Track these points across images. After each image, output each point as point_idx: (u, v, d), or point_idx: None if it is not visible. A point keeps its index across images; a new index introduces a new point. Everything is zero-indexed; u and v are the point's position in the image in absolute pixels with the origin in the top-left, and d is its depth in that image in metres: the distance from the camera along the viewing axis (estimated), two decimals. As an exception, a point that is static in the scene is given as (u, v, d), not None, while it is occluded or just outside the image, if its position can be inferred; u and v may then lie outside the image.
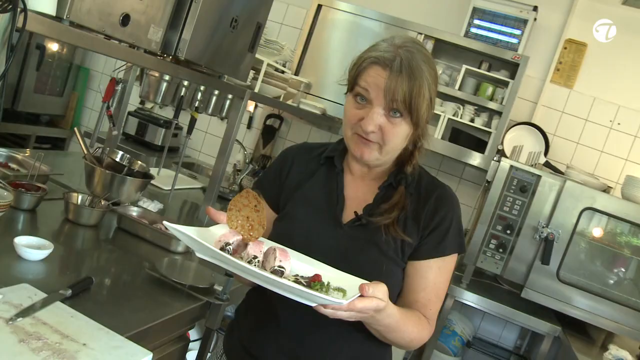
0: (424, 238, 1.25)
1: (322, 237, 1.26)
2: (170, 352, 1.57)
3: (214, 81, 2.09)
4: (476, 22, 3.40)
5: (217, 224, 1.16)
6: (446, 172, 3.61)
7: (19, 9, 1.17)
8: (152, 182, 2.71)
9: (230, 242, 1.08)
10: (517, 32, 3.32)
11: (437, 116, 3.29)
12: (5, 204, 1.62)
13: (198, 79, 1.93)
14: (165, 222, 1.03)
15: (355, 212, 1.27)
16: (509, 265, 2.81)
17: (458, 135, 3.33)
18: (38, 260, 1.46)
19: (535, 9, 3.29)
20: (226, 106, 2.98)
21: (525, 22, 3.29)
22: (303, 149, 1.43)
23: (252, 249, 1.09)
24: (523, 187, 2.77)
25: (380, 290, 1.02)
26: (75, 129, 2.24)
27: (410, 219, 1.26)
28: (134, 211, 2.09)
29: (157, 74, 2.51)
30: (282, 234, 1.28)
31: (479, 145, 3.25)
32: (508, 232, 2.80)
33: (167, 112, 4.28)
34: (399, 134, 1.20)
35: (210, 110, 3.00)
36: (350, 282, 1.08)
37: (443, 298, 1.28)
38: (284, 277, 1.03)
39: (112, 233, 1.92)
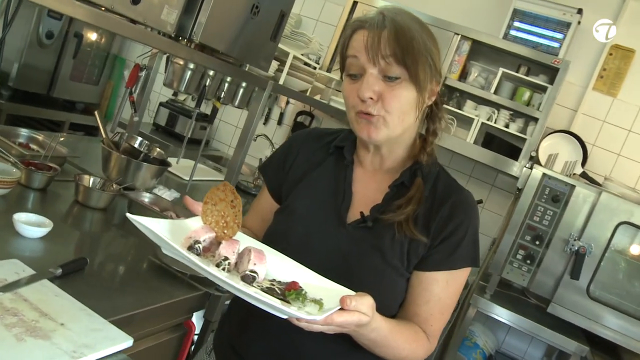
0: (433, 248, 1.13)
1: (322, 237, 1.16)
2: (166, 340, 1.52)
3: (234, 69, 2.05)
4: (516, 24, 3.26)
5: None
6: (478, 178, 3.49)
7: (19, -22, 1.14)
8: (173, 171, 2.71)
9: (201, 239, 0.99)
10: (559, 35, 3.17)
11: (470, 120, 3.17)
12: (12, 180, 1.61)
13: (216, 64, 1.88)
14: (128, 215, 0.95)
15: (362, 213, 1.15)
16: (536, 277, 2.67)
17: (491, 140, 3.20)
18: (36, 238, 1.44)
19: (579, 11, 3.13)
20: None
21: (568, 25, 3.14)
22: (312, 136, 1.32)
23: (225, 249, 0.99)
24: (555, 196, 2.63)
25: (364, 303, 0.91)
26: (96, 112, 2.23)
27: (419, 224, 1.13)
28: (146, 197, 2.07)
29: (181, 62, 2.49)
30: (279, 230, 1.21)
31: (513, 152, 3.11)
32: (537, 243, 2.66)
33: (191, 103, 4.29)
34: (401, 97, 1.07)
35: (237, 103, 2.97)
36: (334, 291, 0.98)
37: (449, 315, 1.15)
38: (257, 283, 0.95)
39: (121, 218, 1.90)
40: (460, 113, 3.22)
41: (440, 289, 1.12)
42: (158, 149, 2.35)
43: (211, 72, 2.65)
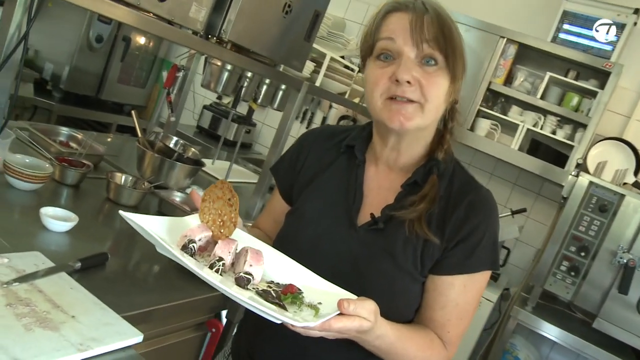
0: (448, 250, 1.06)
1: (333, 240, 1.11)
2: (186, 339, 1.52)
3: (267, 69, 2.04)
4: (565, 26, 3.14)
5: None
6: (523, 186, 3.36)
7: (44, -27, 1.16)
8: (210, 172, 2.72)
9: (197, 238, 0.97)
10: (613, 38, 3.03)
11: (515, 126, 3.07)
12: (43, 175, 1.64)
13: (246, 63, 1.87)
14: (120, 212, 0.93)
15: (372, 215, 1.10)
16: (581, 290, 2.54)
17: (537, 147, 3.09)
18: (61, 232, 1.46)
19: (636, 12, 2.98)
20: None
21: (622, 26, 3.00)
22: (324, 134, 1.27)
23: (220, 249, 0.96)
24: (603, 206, 2.50)
25: (365, 308, 0.87)
26: (133, 112, 2.26)
27: (434, 224, 1.07)
28: (177, 196, 2.07)
29: (219, 63, 2.51)
30: (288, 233, 1.17)
31: (560, 159, 2.99)
32: (582, 254, 2.53)
33: (242, 108, 4.33)
34: (440, 85, 1.03)
35: (276, 105, 2.97)
36: (336, 295, 0.93)
37: (468, 321, 1.09)
38: (252, 285, 0.92)
39: (151, 216, 1.90)
40: (504, 119, 3.12)
41: (457, 294, 1.06)
42: (193, 149, 2.36)
43: (249, 74, 2.66)
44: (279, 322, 0.83)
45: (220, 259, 0.94)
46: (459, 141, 3.19)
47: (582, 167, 2.83)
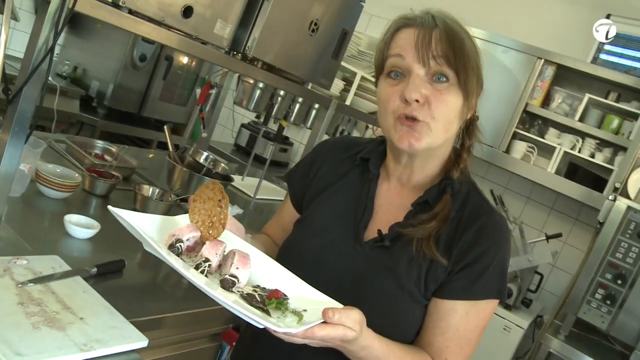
0: (454, 274, 1.02)
1: (337, 254, 1.09)
2: (200, 349, 1.53)
3: (294, 86, 2.06)
4: (607, 47, 3.07)
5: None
6: (560, 211, 3.27)
7: (71, -11, 1.21)
8: (240, 188, 2.75)
9: (184, 238, 0.96)
10: (656, 59, 2.94)
11: (552, 148, 2.99)
12: (72, 184, 1.71)
13: (274, 81, 1.91)
14: (109, 207, 0.93)
15: (379, 231, 1.07)
16: (618, 320, 2.43)
17: (575, 171, 3.00)
18: (83, 238, 1.51)
19: (679, 34, 2.90)
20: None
21: (666, 49, 2.91)
22: (340, 145, 1.24)
23: (207, 250, 0.96)
24: (642, 232, 2.41)
25: (350, 317, 0.85)
26: (165, 127, 2.33)
27: (441, 245, 1.03)
28: (203, 209, 2.11)
29: (251, 81, 2.56)
30: (294, 242, 1.16)
31: (599, 183, 2.90)
32: (619, 282, 2.43)
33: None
34: (450, 103, 1.00)
35: (309, 124, 3.00)
36: (323, 303, 0.92)
37: (470, 350, 1.04)
38: (237, 288, 0.92)
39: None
40: (541, 141, 3.05)
41: (458, 320, 1.02)
42: (223, 165, 2.40)
43: (281, 92, 2.69)
44: (261, 326, 0.82)
45: (207, 260, 0.94)
46: (494, 163, 3.14)
47: (621, 192, 2.73)
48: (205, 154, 2.37)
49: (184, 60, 4.31)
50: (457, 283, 1.02)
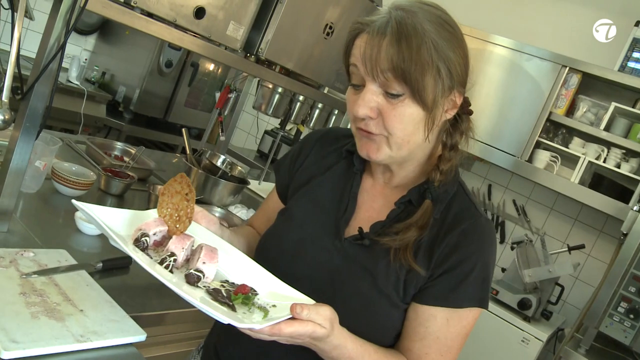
0: (434, 279, 0.98)
1: (315, 248, 1.05)
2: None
3: (310, 90, 2.07)
4: (635, 54, 2.99)
5: None
6: (584, 222, 3.19)
7: (82, -11, 1.24)
8: (257, 192, 2.77)
9: (151, 232, 0.95)
10: (686, 68, 2.86)
11: (576, 158, 2.93)
12: (87, 182, 1.74)
13: (288, 83, 1.92)
14: (73, 201, 0.92)
15: (360, 229, 1.03)
16: (642, 335, 2.36)
17: (600, 181, 2.92)
18: (93, 234, 1.53)
19: None
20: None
21: (696, 57, 2.83)
22: (328, 137, 1.19)
23: (174, 245, 0.94)
24: (667, 244, 2.33)
25: (320, 314, 0.82)
26: (183, 130, 2.36)
27: (422, 249, 0.99)
28: (217, 212, 2.13)
29: (270, 85, 2.57)
30: (274, 232, 1.13)
31: (625, 194, 2.82)
32: (643, 296, 2.36)
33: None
34: (404, 117, 0.92)
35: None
36: (293, 299, 0.89)
37: (451, 358, 0.99)
38: (203, 283, 0.90)
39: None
40: (565, 151, 2.99)
41: (438, 327, 0.98)
42: (240, 168, 2.42)
43: (301, 97, 2.71)
44: (225, 322, 0.80)
45: (172, 254, 0.93)
46: (516, 173, 3.09)
47: (645, 203, 2.65)
48: (223, 157, 2.40)
49: (210, 66, 4.36)
50: (436, 288, 0.98)
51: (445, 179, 1.02)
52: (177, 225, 0.99)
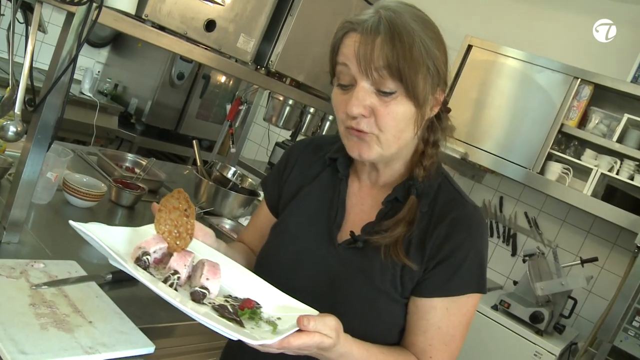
0: (429, 271, 1.00)
1: (312, 258, 1.07)
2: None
3: (320, 102, 2.08)
4: (648, 67, 2.97)
5: None
6: (597, 235, 3.15)
7: (94, 4, 1.25)
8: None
9: (151, 250, 0.94)
10: (700, 79, 2.83)
11: (588, 170, 2.90)
12: (97, 194, 1.75)
13: (298, 95, 1.92)
14: (71, 222, 0.90)
15: (352, 232, 1.05)
16: (657, 351, 2.32)
17: (613, 193, 2.89)
18: (104, 246, 1.53)
19: None
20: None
21: None
22: (311, 147, 1.21)
23: (176, 262, 0.93)
24: (682, 258, 2.29)
25: (326, 324, 0.83)
26: (194, 142, 2.37)
27: (414, 243, 1.01)
28: (227, 224, 2.13)
29: (281, 98, 2.58)
30: (270, 248, 1.15)
31: (638, 207, 2.78)
32: (658, 310, 2.32)
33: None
34: (397, 114, 0.94)
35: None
36: (296, 310, 0.90)
37: (455, 347, 1.00)
38: (208, 300, 0.89)
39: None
40: (577, 162, 2.97)
41: (439, 318, 0.99)
42: (250, 180, 2.42)
43: (312, 109, 2.71)
44: (235, 339, 0.81)
45: (175, 272, 0.92)
46: (528, 185, 3.06)
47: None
48: (233, 169, 2.40)
49: (222, 79, 4.39)
50: (433, 280, 1.00)
51: (427, 174, 1.04)
52: (178, 242, 0.98)
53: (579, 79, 2.96)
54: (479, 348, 2.84)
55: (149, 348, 1.12)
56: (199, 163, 2.32)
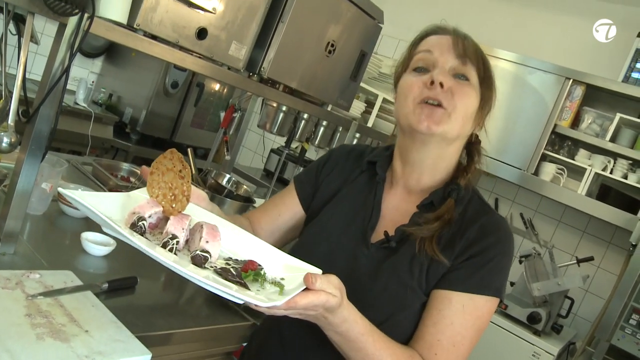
0: (453, 267, 1.04)
1: (345, 256, 1.11)
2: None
3: (313, 108, 2.08)
4: (639, 65, 2.99)
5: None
6: (592, 234, 3.17)
7: (86, 15, 1.26)
8: (264, 210, 2.76)
9: (147, 215, 0.90)
10: (690, 78, 2.86)
11: (582, 170, 2.92)
12: (93, 203, 1.75)
13: (291, 101, 1.93)
14: (59, 189, 0.86)
15: (386, 232, 1.10)
16: (655, 348, 2.33)
17: (607, 192, 2.91)
18: (99, 255, 1.53)
19: None
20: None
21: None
22: (353, 152, 1.29)
23: (173, 226, 0.89)
24: (677, 255, 2.31)
25: (330, 282, 0.84)
26: (189, 150, 2.37)
27: (443, 243, 1.05)
28: (223, 230, 2.13)
29: (275, 104, 2.59)
30: (305, 244, 1.19)
31: (633, 205, 2.80)
32: (654, 307, 2.33)
33: (311, 153, 4.40)
34: (470, 98, 1.06)
35: (333, 147, 3.01)
36: (298, 269, 0.88)
37: (464, 350, 1.00)
38: (209, 264, 0.86)
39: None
40: (571, 163, 2.98)
41: (453, 312, 1.00)
42: (245, 187, 2.43)
43: (305, 115, 2.72)
44: (241, 302, 0.79)
45: (174, 236, 0.88)
46: (523, 186, 3.07)
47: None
48: (228, 176, 2.41)
49: (216, 87, 4.40)
50: (455, 273, 1.03)
51: (467, 184, 1.11)
52: (174, 205, 0.93)
53: (571, 80, 2.99)
54: (477, 350, 2.84)
55: (145, 356, 1.11)
56: (193, 171, 2.32)
